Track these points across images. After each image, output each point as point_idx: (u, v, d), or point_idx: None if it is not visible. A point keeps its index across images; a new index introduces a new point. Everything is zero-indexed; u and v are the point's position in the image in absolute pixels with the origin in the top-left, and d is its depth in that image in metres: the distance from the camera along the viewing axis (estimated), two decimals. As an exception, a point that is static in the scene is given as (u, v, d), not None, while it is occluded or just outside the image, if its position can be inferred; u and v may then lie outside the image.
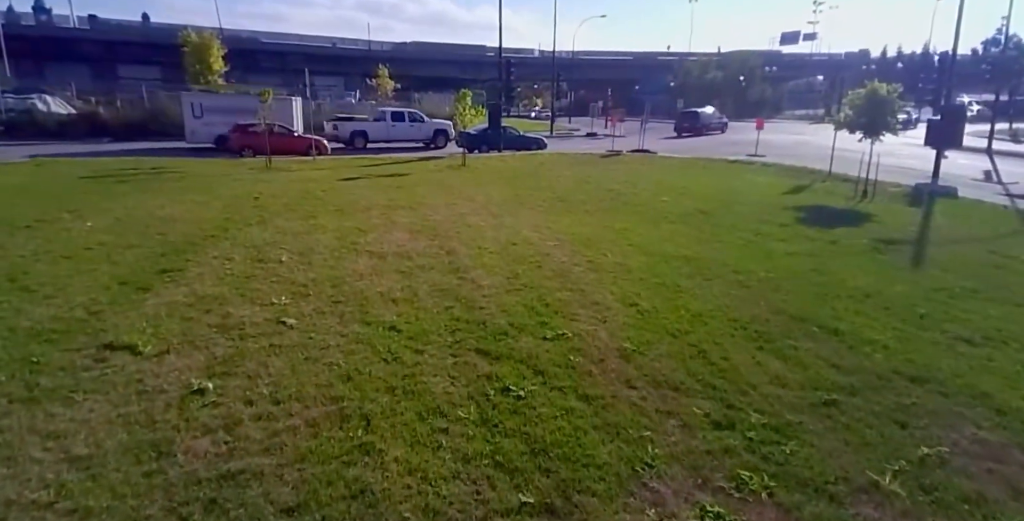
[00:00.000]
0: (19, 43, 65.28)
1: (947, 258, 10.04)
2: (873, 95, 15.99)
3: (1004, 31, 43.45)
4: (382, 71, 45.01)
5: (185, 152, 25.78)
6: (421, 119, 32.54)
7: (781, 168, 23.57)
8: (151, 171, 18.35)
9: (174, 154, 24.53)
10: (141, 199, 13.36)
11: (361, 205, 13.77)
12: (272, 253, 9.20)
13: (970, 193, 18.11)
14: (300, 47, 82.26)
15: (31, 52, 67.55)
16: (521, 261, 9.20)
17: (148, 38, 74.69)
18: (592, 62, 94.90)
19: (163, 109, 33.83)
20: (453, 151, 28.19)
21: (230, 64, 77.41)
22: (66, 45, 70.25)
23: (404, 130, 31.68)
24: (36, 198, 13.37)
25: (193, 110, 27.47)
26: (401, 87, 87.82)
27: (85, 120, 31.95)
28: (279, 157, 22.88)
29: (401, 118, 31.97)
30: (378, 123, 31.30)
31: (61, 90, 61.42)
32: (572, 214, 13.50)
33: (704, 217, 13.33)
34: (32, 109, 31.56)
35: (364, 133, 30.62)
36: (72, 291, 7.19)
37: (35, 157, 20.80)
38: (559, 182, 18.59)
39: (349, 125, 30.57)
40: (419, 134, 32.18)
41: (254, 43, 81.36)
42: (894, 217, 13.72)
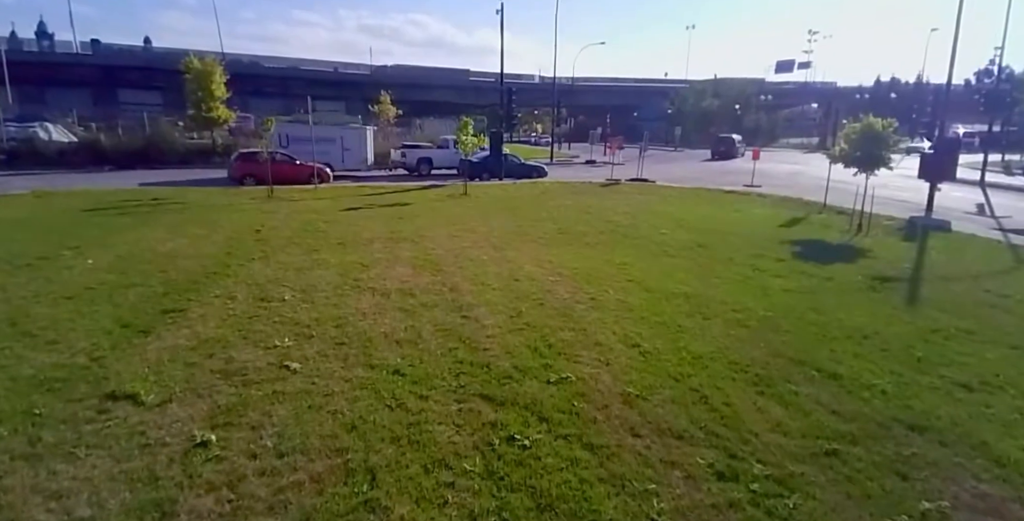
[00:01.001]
0: (21, 69, 66.02)
1: (942, 297, 10.12)
2: (868, 130, 16.25)
3: (997, 62, 44.20)
4: (384, 98, 45.28)
5: (186, 181, 25.91)
6: (483, 148, 33.48)
7: (777, 199, 23.80)
8: (152, 202, 18.46)
9: (177, 183, 24.71)
10: (143, 233, 13.44)
11: (364, 237, 13.88)
12: (275, 291, 9.25)
13: (963, 227, 18.29)
14: (302, 72, 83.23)
15: (33, 77, 68.26)
16: (524, 298, 9.27)
17: (149, 63, 75.50)
18: (591, 88, 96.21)
19: (163, 136, 34.13)
20: (455, 180, 28.39)
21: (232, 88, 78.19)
22: (67, 70, 71.03)
23: (456, 157, 32.42)
24: (37, 233, 13.43)
25: (280, 140, 28.19)
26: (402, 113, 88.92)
27: (86, 149, 32.14)
28: (282, 186, 23.11)
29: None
30: (442, 151, 32.62)
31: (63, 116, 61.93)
32: (573, 247, 13.61)
33: (702, 250, 13.44)
34: (34, 138, 31.78)
35: (429, 160, 32.10)
36: (74, 335, 7.22)
37: (35, 191, 20.80)
38: (560, 213, 18.74)
39: (416, 152, 32.26)
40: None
41: (256, 68, 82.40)
42: (889, 252, 13.83)
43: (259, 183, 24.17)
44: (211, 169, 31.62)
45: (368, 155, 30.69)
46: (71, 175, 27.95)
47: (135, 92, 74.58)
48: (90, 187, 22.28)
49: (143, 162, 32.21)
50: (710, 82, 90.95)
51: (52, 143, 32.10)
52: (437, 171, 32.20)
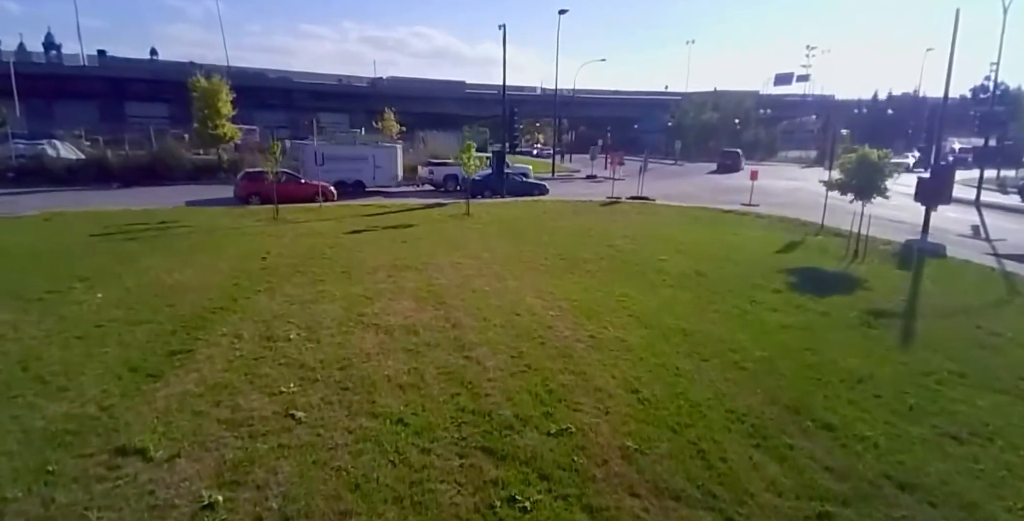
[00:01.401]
0: (29, 81, 66.30)
1: (934, 335, 10.20)
2: (864, 159, 16.37)
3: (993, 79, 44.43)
4: (388, 115, 45.41)
5: (192, 202, 26.05)
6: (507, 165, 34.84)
7: (775, 220, 23.91)
8: (159, 226, 18.59)
9: (184, 201, 24.86)
10: (151, 262, 13.56)
11: (368, 265, 13.99)
12: (280, 329, 9.34)
13: (958, 251, 18.40)
14: (306, 85, 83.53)
15: (41, 90, 68.60)
16: (525, 336, 9.36)
17: (156, 75, 75.87)
18: (592, 100, 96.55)
19: (170, 153, 34.33)
20: (457, 198, 28.49)
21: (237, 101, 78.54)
22: (75, 83, 71.46)
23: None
24: (47, 261, 13.56)
25: (316, 158, 28.83)
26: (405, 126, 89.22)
27: (93, 165, 32.40)
28: (288, 205, 23.26)
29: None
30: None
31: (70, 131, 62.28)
32: (574, 275, 13.72)
33: (701, 280, 13.53)
34: (42, 155, 32.04)
35: (455, 177, 32.64)
36: (84, 380, 7.31)
37: (44, 212, 20.96)
38: (560, 236, 18.84)
39: (443, 170, 33.26)
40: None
41: (261, 80, 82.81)
42: (884, 282, 13.91)
43: (264, 202, 24.36)
44: (217, 185, 31.89)
45: (398, 172, 31.78)
46: (79, 193, 28.18)
47: (142, 104, 75.00)
48: (98, 208, 22.42)
49: (149, 178, 32.46)
50: (709, 94, 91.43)
51: (60, 160, 32.35)
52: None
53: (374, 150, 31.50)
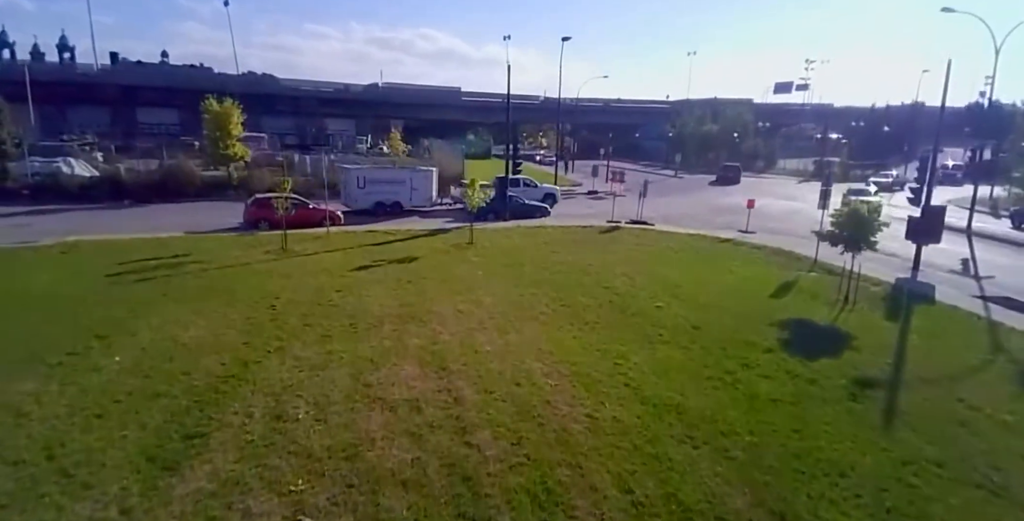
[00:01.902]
0: (43, 88, 66.54)
1: (916, 411, 10.42)
2: (855, 213, 16.56)
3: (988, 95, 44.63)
4: (394, 134, 45.41)
5: (201, 230, 26.23)
6: (534, 185, 36.57)
7: (770, 252, 24.07)
8: (172, 262, 18.81)
9: (193, 230, 25.06)
10: (165, 313, 13.78)
11: (373, 314, 14.25)
12: (289, 404, 9.59)
13: (946, 293, 18.62)
14: (314, 92, 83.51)
15: (54, 97, 68.72)
16: (524, 413, 9.60)
17: (168, 83, 76.07)
18: (594, 108, 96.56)
19: (180, 169, 34.51)
20: (461, 222, 28.66)
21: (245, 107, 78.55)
22: (87, 90, 71.55)
23: (520, 193, 34.34)
24: (65, 311, 13.81)
25: (358, 182, 30.26)
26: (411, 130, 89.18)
27: (106, 183, 32.64)
28: (296, 231, 23.41)
29: (517, 184, 35.26)
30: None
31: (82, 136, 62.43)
32: (573, 327, 14.04)
33: (695, 335, 13.77)
34: (57, 173, 32.26)
35: None
36: (106, 475, 7.57)
37: (60, 242, 21.18)
38: (561, 275, 19.05)
39: None
40: (532, 197, 34.74)
41: (270, 87, 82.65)
42: (872, 338, 14.11)
43: (273, 227, 24.58)
44: (226, 203, 32.12)
45: (432, 193, 32.44)
46: (92, 213, 28.48)
47: (153, 110, 75.21)
48: (112, 236, 22.60)
49: (160, 196, 32.67)
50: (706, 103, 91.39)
51: (75, 177, 32.59)
52: None
53: (411, 173, 32.20)
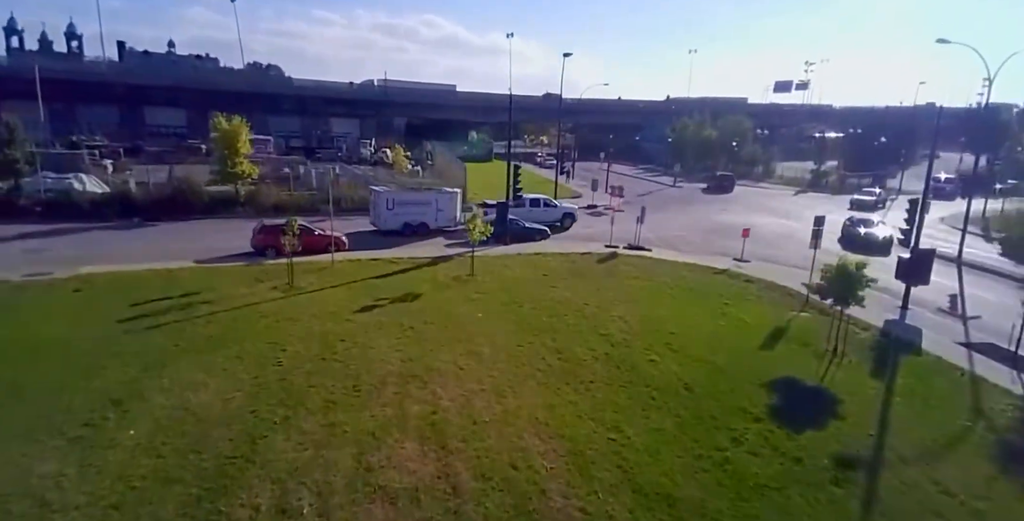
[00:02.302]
0: (52, 86, 66.38)
1: (894, 498, 10.78)
2: (843, 271, 16.79)
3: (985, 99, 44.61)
4: (398, 150, 45.28)
5: (211, 253, 26.38)
6: (554, 205, 37.41)
7: (763, 287, 24.32)
8: (183, 302, 19.06)
9: (202, 257, 25.28)
10: (177, 373, 14.05)
11: (376, 373, 14.59)
12: (294, 497, 9.88)
13: (933, 339, 19.00)
14: (319, 91, 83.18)
15: (63, 95, 68.48)
16: (520, 509, 9.92)
17: (176, 82, 75.78)
18: (596, 108, 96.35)
19: (189, 186, 34.64)
20: (466, 245, 28.83)
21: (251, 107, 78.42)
22: (96, 89, 71.25)
23: (540, 214, 35.68)
24: (80, 368, 14.11)
25: (387, 204, 31.49)
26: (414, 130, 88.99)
27: (117, 200, 32.76)
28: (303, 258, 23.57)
29: (537, 204, 36.55)
30: (519, 209, 34.82)
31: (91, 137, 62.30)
32: (569, 386, 14.56)
33: (688, 399, 14.12)
34: (70, 190, 32.40)
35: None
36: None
37: (74, 276, 21.43)
38: (558, 318, 19.34)
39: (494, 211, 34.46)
40: (551, 217, 36.22)
41: (276, 86, 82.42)
42: (857, 402, 14.40)
43: (279, 254, 24.87)
44: (234, 221, 32.38)
45: (456, 214, 33.21)
46: (103, 234, 28.75)
47: (161, 110, 75.00)
48: (123, 267, 22.80)
49: (169, 213, 32.84)
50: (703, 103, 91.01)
51: (86, 194, 32.73)
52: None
53: (437, 195, 33.13)
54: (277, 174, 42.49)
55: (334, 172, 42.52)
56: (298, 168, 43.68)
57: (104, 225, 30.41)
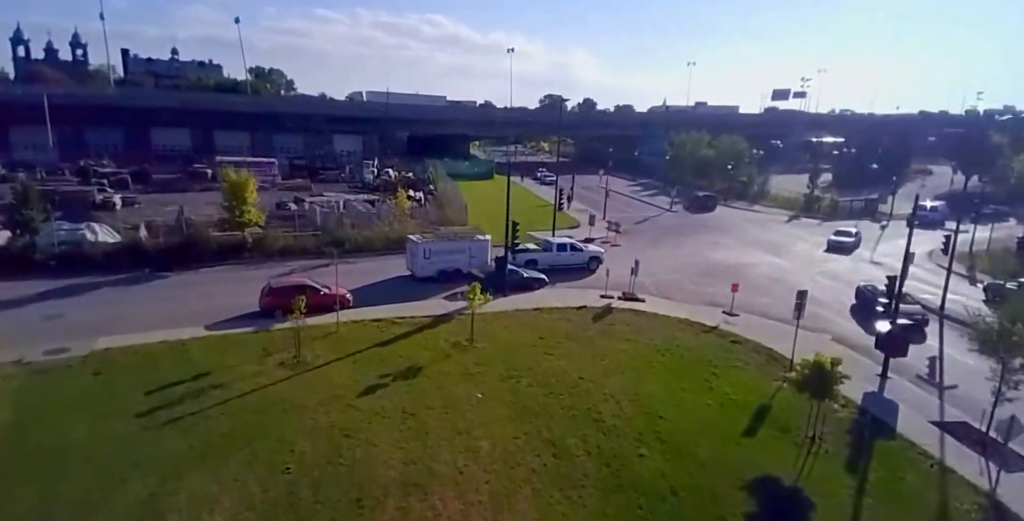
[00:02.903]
0: (61, 112, 67.30)
1: None
2: (818, 368, 17.50)
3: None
4: (401, 193, 45.70)
5: (221, 315, 27.11)
6: (580, 249, 37.80)
7: (750, 349, 25.11)
8: (196, 387, 19.82)
9: (212, 321, 26.02)
10: (192, 487, 14.83)
11: (379, 482, 15.33)
12: None
13: (908, 418, 19.94)
14: (322, 109, 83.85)
15: (71, 119, 69.35)
16: None
17: (182, 104, 76.35)
18: (596, 121, 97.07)
19: (198, 234, 35.35)
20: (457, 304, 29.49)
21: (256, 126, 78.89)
22: (103, 112, 71.87)
23: (566, 258, 36.86)
24: (101, 477, 14.91)
25: (424, 254, 33.09)
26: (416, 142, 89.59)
27: (128, 250, 33.47)
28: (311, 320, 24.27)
29: (564, 249, 37.35)
30: (547, 253, 36.82)
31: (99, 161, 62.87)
32: (562, 495, 15.19)
33: (672, 505, 14.98)
34: (82, 241, 33.10)
35: (535, 261, 35.93)
36: None
37: (91, 353, 22.21)
38: (554, 400, 20.06)
39: (524, 255, 36.09)
40: (578, 260, 37.00)
41: (280, 106, 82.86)
42: (830, 508, 15.22)
43: (286, 314, 25.72)
44: (242, 272, 33.27)
45: (487, 259, 34.60)
46: (116, 292, 29.49)
47: (167, 130, 75.59)
48: (139, 338, 23.51)
49: (179, 262, 33.60)
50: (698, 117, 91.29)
51: (98, 245, 33.43)
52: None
53: (470, 243, 34.56)
54: (281, 210, 43.10)
55: (338, 210, 43.17)
56: (303, 205, 44.29)
57: (116, 278, 31.17)
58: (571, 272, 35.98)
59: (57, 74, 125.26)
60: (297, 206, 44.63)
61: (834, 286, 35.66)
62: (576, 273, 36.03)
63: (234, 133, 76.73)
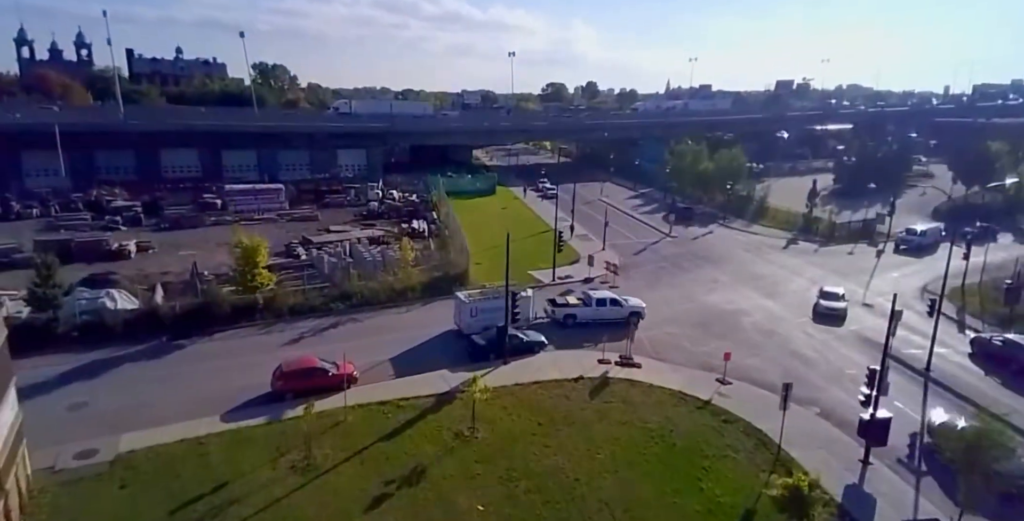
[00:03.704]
0: (72, 138, 67.90)
1: None
2: (797, 496, 18.42)
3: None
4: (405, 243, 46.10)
5: (236, 381, 28.15)
6: (619, 304, 37.69)
7: (740, 433, 25.99)
8: (215, 504, 20.94)
9: (230, 394, 27.07)
10: None
11: None
12: None
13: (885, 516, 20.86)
14: (327, 127, 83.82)
15: (82, 144, 69.99)
16: None
17: (188, 127, 76.55)
18: (597, 126, 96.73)
19: (212, 297, 36.26)
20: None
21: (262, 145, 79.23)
22: (113, 137, 72.38)
23: (605, 313, 36.98)
24: None
25: (471, 312, 34.76)
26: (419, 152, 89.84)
27: (146, 317, 34.44)
28: (321, 403, 25.35)
29: (604, 303, 37.44)
30: (586, 308, 37.32)
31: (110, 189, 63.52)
32: None
33: None
34: (102, 309, 34.02)
35: (574, 315, 36.97)
36: None
37: (117, 457, 23.33)
38: (551, 509, 21.06)
39: (563, 310, 37.32)
40: (617, 316, 36.66)
41: (286, 126, 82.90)
42: None
43: (297, 397, 26.93)
44: (255, 337, 34.39)
45: (531, 314, 36.42)
46: (136, 369, 30.54)
47: (176, 152, 75.97)
48: (159, 434, 24.59)
49: (194, 326, 34.66)
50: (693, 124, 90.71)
51: (118, 313, 34.37)
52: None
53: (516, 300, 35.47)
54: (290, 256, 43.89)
55: (344, 258, 43.95)
56: (311, 252, 45.04)
57: (136, 351, 32.25)
58: (609, 327, 35.14)
59: (62, 78, 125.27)
60: (305, 251, 45.39)
61: (824, 341, 36.18)
62: (613, 328, 34.71)
63: (242, 152, 77.15)
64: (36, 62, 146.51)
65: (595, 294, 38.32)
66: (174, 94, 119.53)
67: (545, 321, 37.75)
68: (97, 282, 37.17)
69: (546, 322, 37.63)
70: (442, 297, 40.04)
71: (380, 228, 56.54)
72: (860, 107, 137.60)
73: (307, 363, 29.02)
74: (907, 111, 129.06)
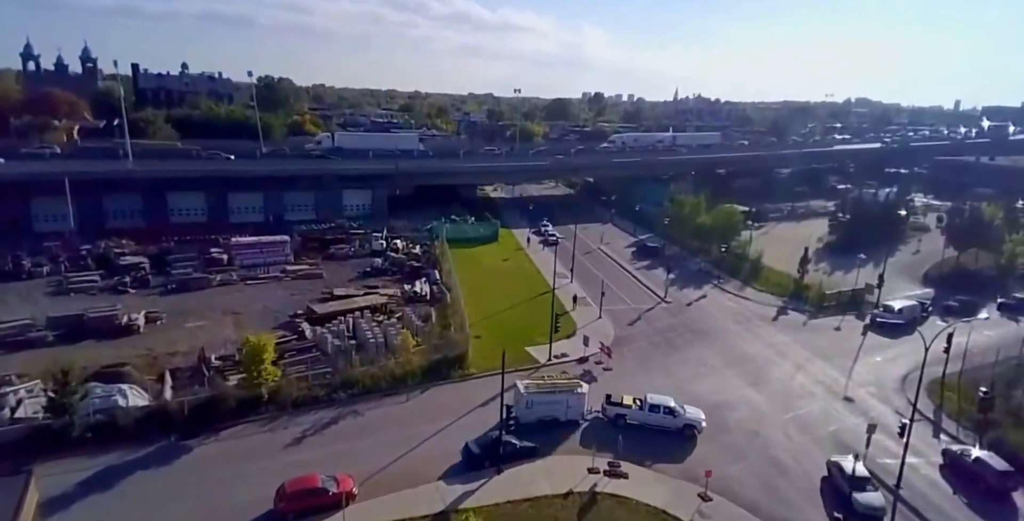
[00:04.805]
0: (80, 185, 69.48)
1: None
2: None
3: None
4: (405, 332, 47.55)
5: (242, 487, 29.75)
6: (674, 413, 37.49)
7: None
8: None
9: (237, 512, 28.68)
10: None
11: None
12: None
13: None
14: (333, 170, 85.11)
15: (91, 190, 71.46)
16: None
17: (192, 173, 78.06)
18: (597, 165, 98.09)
19: (220, 392, 37.83)
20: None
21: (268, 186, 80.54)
22: (120, 183, 73.84)
23: (657, 419, 37.53)
24: None
25: (526, 404, 37.01)
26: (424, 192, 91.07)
27: (155, 415, 35.97)
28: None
29: (657, 410, 37.62)
30: (638, 411, 37.99)
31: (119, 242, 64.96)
32: None
33: None
34: (115, 407, 35.49)
35: (624, 416, 38.07)
36: None
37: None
38: None
39: (614, 409, 38.57)
40: (671, 424, 37.39)
41: (291, 170, 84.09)
42: None
43: (298, 518, 28.60)
44: (260, 428, 36.16)
45: (583, 409, 38.23)
46: (147, 477, 31.97)
47: (182, 195, 77.35)
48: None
49: (202, 423, 36.28)
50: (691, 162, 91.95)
51: (130, 410, 35.83)
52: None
53: (568, 395, 37.95)
54: (294, 335, 45.37)
55: (347, 340, 45.47)
56: (317, 335, 46.49)
57: (146, 454, 33.78)
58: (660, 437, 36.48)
59: (68, 97, 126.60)
60: (311, 331, 46.95)
61: (803, 444, 37.41)
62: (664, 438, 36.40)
63: (248, 194, 78.58)
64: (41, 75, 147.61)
65: (651, 398, 38.09)
66: (181, 117, 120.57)
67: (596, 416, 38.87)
68: (107, 377, 38.55)
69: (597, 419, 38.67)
70: (440, 382, 41.78)
71: (384, 290, 57.86)
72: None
73: (309, 483, 30.47)
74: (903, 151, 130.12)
